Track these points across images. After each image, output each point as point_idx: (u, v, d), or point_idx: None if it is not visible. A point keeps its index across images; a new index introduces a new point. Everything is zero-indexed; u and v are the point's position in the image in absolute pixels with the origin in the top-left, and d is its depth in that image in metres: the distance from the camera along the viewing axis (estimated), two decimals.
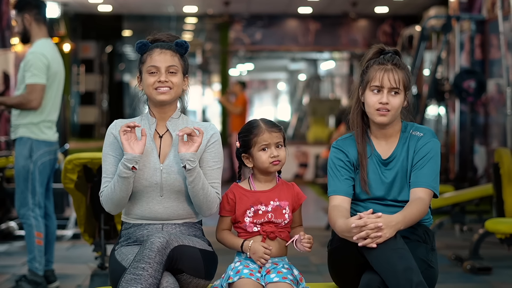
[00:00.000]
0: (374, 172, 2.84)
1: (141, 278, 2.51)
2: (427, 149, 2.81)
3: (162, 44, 2.84)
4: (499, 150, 5.35)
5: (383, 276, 2.56)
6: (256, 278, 2.72)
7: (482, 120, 9.95)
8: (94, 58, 14.74)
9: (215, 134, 2.86)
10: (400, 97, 2.81)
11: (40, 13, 4.73)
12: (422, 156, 2.80)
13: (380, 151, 2.87)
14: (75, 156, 4.11)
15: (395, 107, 2.80)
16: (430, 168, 2.79)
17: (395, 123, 2.86)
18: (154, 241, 2.57)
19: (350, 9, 12.90)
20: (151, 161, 2.79)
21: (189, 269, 2.67)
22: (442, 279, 5.10)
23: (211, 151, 2.84)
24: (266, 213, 2.79)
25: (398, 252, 2.57)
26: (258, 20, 13.53)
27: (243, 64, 17.01)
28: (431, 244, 2.85)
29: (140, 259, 2.55)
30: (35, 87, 4.55)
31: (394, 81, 2.79)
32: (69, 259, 5.80)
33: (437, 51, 9.68)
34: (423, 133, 2.85)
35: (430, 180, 2.78)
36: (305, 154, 13.00)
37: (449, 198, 6.33)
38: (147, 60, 2.82)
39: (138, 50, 2.86)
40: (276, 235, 2.79)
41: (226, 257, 3.11)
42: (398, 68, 2.81)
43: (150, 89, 2.81)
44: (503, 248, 5.44)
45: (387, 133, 2.87)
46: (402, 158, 2.83)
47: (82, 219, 4.37)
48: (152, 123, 2.86)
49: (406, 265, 2.54)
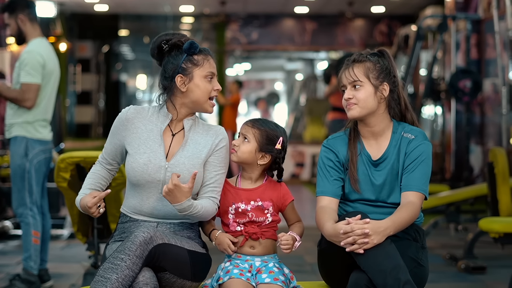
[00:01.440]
0: (364, 172, 2.82)
1: (117, 268, 2.52)
2: (418, 152, 2.77)
3: (210, 52, 2.88)
4: (494, 150, 5.35)
5: (370, 275, 2.55)
6: (246, 278, 2.72)
7: (478, 120, 9.95)
8: (91, 58, 14.73)
9: (223, 139, 2.86)
10: (364, 89, 2.79)
11: (32, 12, 4.73)
12: (413, 159, 2.77)
13: (370, 152, 2.84)
14: (68, 155, 4.11)
15: (360, 98, 2.78)
16: (421, 171, 2.76)
17: (380, 122, 2.83)
18: (138, 234, 2.58)
19: (347, 8, 12.91)
20: (156, 157, 2.79)
21: (172, 268, 2.66)
22: (436, 278, 5.11)
23: (217, 156, 2.84)
24: (246, 212, 2.78)
25: (385, 251, 2.56)
26: (255, 20, 13.53)
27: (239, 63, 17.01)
28: (422, 242, 2.83)
29: (121, 250, 2.56)
30: (30, 87, 4.54)
31: (350, 76, 2.80)
32: (63, 258, 5.79)
33: (433, 50, 9.69)
34: (414, 135, 2.81)
35: (421, 183, 2.75)
36: (302, 154, 13.00)
37: (444, 197, 6.33)
38: (205, 65, 2.82)
39: (193, 50, 2.82)
40: (259, 236, 2.78)
41: (217, 257, 3.11)
42: (359, 62, 2.81)
43: (207, 96, 2.83)
44: (497, 247, 5.44)
45: (375, 132, 2.84)
46: (393, 160, 2.80)
47: (75, 218, 4.37)
48: (166, 119, 2.84)
49: (393, 264, 2.53)
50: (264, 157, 2.81)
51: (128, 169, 2.81)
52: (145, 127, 2.83)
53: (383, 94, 2.81)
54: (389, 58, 2.86)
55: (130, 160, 2.80)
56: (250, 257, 2.78)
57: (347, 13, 13.26)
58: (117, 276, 2.51)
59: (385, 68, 2.82)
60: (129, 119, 2.83)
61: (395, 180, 2.80)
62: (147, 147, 2.80)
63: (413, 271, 2.66)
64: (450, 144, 10.22)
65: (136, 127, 2.83)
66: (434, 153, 10.94)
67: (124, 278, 2.51)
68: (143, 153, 2.78)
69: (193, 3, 12.67)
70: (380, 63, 2.82)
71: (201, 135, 2.86)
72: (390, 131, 2.84)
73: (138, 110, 2.86)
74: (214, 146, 2.83)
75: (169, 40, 2.85)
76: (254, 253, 2.79)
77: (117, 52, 16.05)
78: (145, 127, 2.83)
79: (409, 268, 2.63)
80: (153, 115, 2.86)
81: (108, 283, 2.50)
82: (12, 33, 4.75)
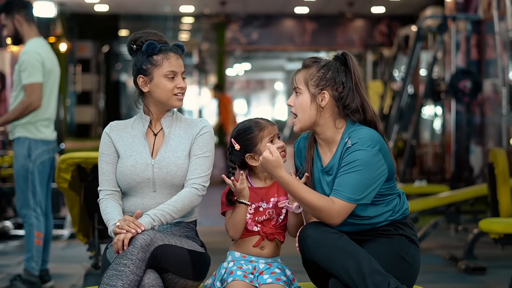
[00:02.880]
0: (318, 181, 2.75)
1: (122, 275, 2.52)
2: (351, 157, 2.60)
3: (175, 49, 2.86)
4: (494, 150, 5.35)
5: (340, 278, 2.54)
6: (250, 280, 2.72)
7: (478, 120, 9.96)
8: (91, 58, 14.73)
9: (205, 127, 2.87)
10: (303, 96, 2.69)
11: (29, 13, 4.72)
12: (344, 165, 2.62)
13: (323, 158, 2.74)
14: (69, 155, 4.11)
15: (298, 108, 2.70)
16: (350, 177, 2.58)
17: (325, 129, 2.71)
18: (138, 237, 2.58)
19: (347, 9, 12.92)
20: (143, 157, 2.83)
21: (174, 268, 2.67)
22: (436, 279, 5.11)
23: (198, 141, 2.85)
24: (267, 209, 2.78)
25: (342, 249, 2.54)
26: (255, 20, 13.54)
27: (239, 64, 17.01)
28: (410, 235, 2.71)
29: (123, 256, 2.56)
30: (34, 87, 4.55)
31: (293, 81, 2.74)
32: (64, 259, 5.80)
33: (433, 51, 9.68)
34: (353, 142, 2.62)
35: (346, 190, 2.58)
36: None
37: (444, 198, 6.34)
38: (164, 64, 2.82)
39: (151, 51, 2.81)
40: (275, 237, 2.79)
41: (219, 257, 3.11)
42: (304, 68, 2.73)
43: (169, 94, 2.83)
44: (497, 248, 5.44)
45: (324, 139, 2.73)
46: (338, 168, 2.66)
47: (76, 219, 4.37)
48: (145, 122, 2.89)
49: (353, 259, 2.52)
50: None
51: (118, 174, 2.84)
52: (129, 134, 2.88)
53: (321, 104, 2.67)
54: (350, 62, 2.71)
55: (119, 166, 2.84)
56: (255, 258, 2.78)
57: (347, 14, 13.26)
58: (123, 283, 2.51)
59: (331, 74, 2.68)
60: (113, 131, 2.89)
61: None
62: (133, 150, 2.84)
63: (397, 267, 2.61)
64: (450, 145, 10.22)
65: (121, 136, 2.88)
66: (433, 153, 10.95)
67: (130, 284, 2.52)
68: (129, 156, 2.83)
69: (193, 3, 12.67)
70: (325, 69, 2.69)
71: (183, 129, 2.88)
72: (340, 137, 2.70)
73: (119, 123, 2.92)
74: (196, 134, 2.86)
75: (137, 40, 2.87)
76: (261, 254, 2.79)
77: (117, 52, 16.05)
78: (129, 134, 2.88)
79: (392, 264, 2.60)
80: (135, 122, 2.91)
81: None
82: (9, 34, 4.74)
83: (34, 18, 4.78)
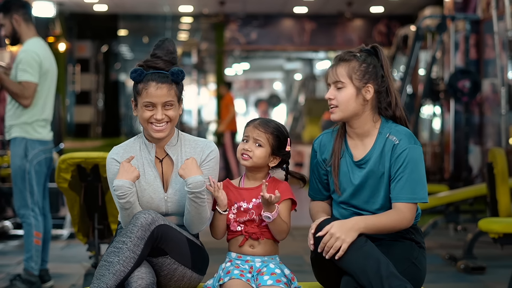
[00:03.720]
0: (344, 172, 2.77)
1: (119, 251, 2.56)
2: (402, 158, 2.67)
3: (158, 77, 2.74)
4: (493, 150, 5.36)
5: (356, 277, 2.55)
6: (247, 279, 2.72)
7: (477, 120, 9.97)
8: (90, 58, 14.74)
9: (212, 153, 2.85)
10: (346, 90, 2.71)
11: (27, 13, 4.71)
12: (398, 167, 2.67)
13: (354, 152, 2.77)
14: (69, 155, 4.12)
15: (341, 100, 2.71)
16: (408, 178, 2.66)
17: (364, 124, 2.75)
18: (139, 217, 2.61)
19: (346, 8, 12.93)
20: (156, 191, 2.81)
21: (173, 252, 2.68)
22: (435, 279, 5.12)
23: (205, 168, 2.83)
24: (248, 210, 2.79)
25: (363, 251, 2.55)
26: (254, 20, 13.54)
27: (238, 63, 17.04)
28: (418, 241, 2.78)
29: (123, 234, 2.59)
30: (29, 85, 4.53)
31: (333, 75, 2.73)
32: (63, 259, 5.80)
33: (432, 51, 9.70)
34: (399, 139, 2.69)
35: (409, 192, 2.66)
36: (301, 154, 13.00)
37: (443, 197, 6.34)
38: (143, 94, 2.74)
39: (134, 80, 2.77)
40: (258, 236, 2.79)
41: (218, 258, 3.12)
42: (344, 61, 2.73)
43: (145, 123, 2.77)
44: (496, 247, 5.45)
45: (359, 133, 2.77)
46: (375, 162, 2.71)
47: (76, 219, 4.38)
48: (151, 149, 2.84)
49: (373, 261, 2.53)
50: (275, 159, 2.83)
51: None
52: (138, 161, 2.82)
53: (366, 97, 2.72)
54: (382, 55, 2.75)
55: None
56: (250, 258, 2.78)
57: (346, 13, 13.27)
58: (119, 259, 2.55)
59: (372, 68, 2.72)
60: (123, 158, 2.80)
61: (377, 184, 2.72)
62: (145, 182, 2.80)
63: (407, 271, 2.64)
64: (449, 144, 10.23)
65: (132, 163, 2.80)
66: (432, 153, 10.96)
67: (125, 260, 2.55)
68: (143, 190, 2.80)
69: (192, 3, 12.67)
70: (367, 62, 2.72)
71: (189, 154, 2.84)
72: (376, 131, 2.76)
73: (124, 148, 2.84)
74: (202, 161, 2.83)
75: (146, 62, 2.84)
76: (254, 253, 2.79)
77: (116, 52, 16.07)
78: (137, 161, 2.82)
79: (402, 267, 2.62)
80: (141, 147, 2.85)
81: (110, 266, 2.55)
82: (7, 34, 4.73)
83: (32, 18, 4.77)
